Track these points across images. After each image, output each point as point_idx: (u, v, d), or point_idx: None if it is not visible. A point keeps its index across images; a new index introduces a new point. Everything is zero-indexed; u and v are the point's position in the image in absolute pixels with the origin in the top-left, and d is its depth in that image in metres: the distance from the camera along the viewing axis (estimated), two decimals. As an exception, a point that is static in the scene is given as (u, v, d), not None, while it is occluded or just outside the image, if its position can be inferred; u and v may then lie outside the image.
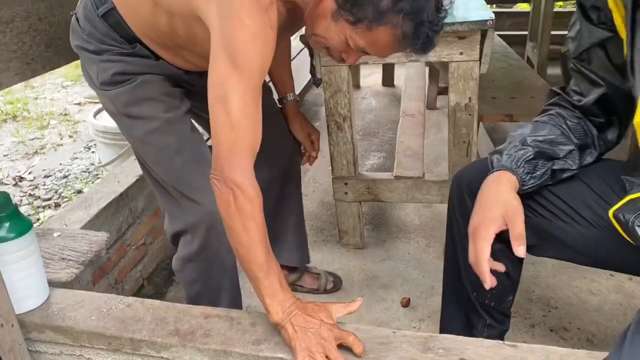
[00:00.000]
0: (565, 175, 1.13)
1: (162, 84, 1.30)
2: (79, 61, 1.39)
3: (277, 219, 1.72)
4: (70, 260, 1.33)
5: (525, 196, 1.10)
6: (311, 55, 1.91)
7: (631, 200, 1.00)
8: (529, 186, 1.09)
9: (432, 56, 1.71)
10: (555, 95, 1.22)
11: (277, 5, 1.03)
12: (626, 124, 1.15)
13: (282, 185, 1.70)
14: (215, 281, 1.38)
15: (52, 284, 1.26)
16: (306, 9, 1.11)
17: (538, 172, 1.10)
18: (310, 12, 1.10)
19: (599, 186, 1.13)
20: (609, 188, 1.11)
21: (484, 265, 1.02)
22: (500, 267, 1.05)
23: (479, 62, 1.69)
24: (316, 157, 1.75)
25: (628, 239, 0.99)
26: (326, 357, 0.97)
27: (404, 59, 1.72)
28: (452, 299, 1.34)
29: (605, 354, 0.99)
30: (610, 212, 1.03)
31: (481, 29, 1.62)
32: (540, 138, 1.11)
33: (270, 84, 1.72)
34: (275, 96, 1.72)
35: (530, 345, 1.02)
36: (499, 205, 1.03)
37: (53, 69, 1.57)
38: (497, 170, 1.09)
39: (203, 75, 1.35)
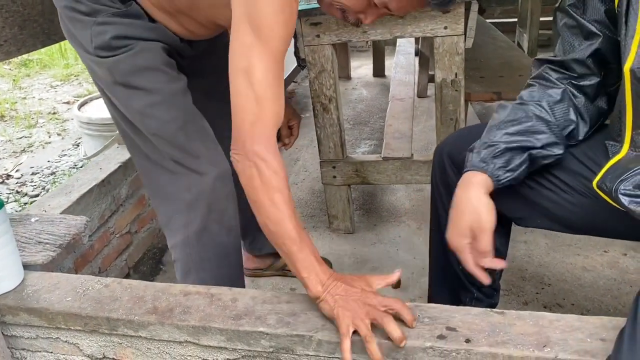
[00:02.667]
0: (548, 161, 1.06)
1: (160, 52, 1.22)
2: (68, 61, 1.33)
3: None
4: (47, 243, 1.29)
5: None
6: (295, 36, 1.87)
7: (611, 166, 0.97)
8: (505, 179, 1.04)
9: (417, 31, 1.68)
10: (540, 65, 1.14)
11: None
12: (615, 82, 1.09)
13: None
14: (214, 272, 1.32)
15: (29, 267, 1.22)
16: None
17: (513, 164, 1.04)
18: None
19: (584, 153, 1.09)
20: (594, 154, 1.08)
21: (475, 271, 1.01)
22: (499, 264, 1.02)
23: (464, 36, 1.66)
24: (290, 144, 1.68)
25: (617, 206, 0.96)
26: (372, 324, 0.90)
27: (387, 35, 1.70)
28: (439, 275, 1.31)
29: (596, 317, 0.96)
30: (594, 184, 1.00)
31: (465, 1, 1.59)
32: (511, 130, 1.05)
33: None
34: None
35: (518, 312, 0.98)
36: (467, 215, 1.01)
37: (28, 51, 1.53)
38: (468, 170, 1.05)
39: (193, 45, 1.32)
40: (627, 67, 0.91)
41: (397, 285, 1.78)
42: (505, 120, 1.07)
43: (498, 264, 1.02)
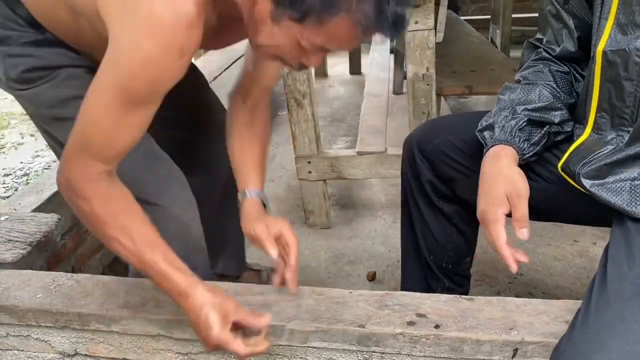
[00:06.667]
0: (559, 137, 1.07)
1: (88, 78, 0.96)
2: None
3: (216, 227, 1.49)
4: (17, 241, 1.28)
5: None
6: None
7: (575, 149, 0.99)
8: (529, 154, 1.03)
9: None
10: (535, 48, 1.13)
11: (207, 14, 0.85)
12: None
13: (222, 192, 1.48)
14: None
15: (-1, 266, 1.21)
16: (244, 14, 0.87)
17: (536, 138, 1.03)
18: (248, 19, 0.87)
19: None
20: (559, 141, 1.10)
21: (504, 249, 0.93)
22: (523, 258, 0.93)
23: (434, 30, 1.68)
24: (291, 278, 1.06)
25: (580, 189, 0.99)
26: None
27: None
28: (411, 265, 1.33)
29: (561, 301, 0.99)
30: (559, 167, 1.02)
31: (434, -4, 1.61)
32: (530, 107, 1.04)
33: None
34: None
35: (487, 298, 1.01)
36: (502, 183, 0.97)
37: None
38: (492, 146, 1.02)
39: None
40: (599, 49, 0.92)
41: (372, 278, 1.80)
42: (521, 98, 1.06)
43: (523, 258, 0.94)
